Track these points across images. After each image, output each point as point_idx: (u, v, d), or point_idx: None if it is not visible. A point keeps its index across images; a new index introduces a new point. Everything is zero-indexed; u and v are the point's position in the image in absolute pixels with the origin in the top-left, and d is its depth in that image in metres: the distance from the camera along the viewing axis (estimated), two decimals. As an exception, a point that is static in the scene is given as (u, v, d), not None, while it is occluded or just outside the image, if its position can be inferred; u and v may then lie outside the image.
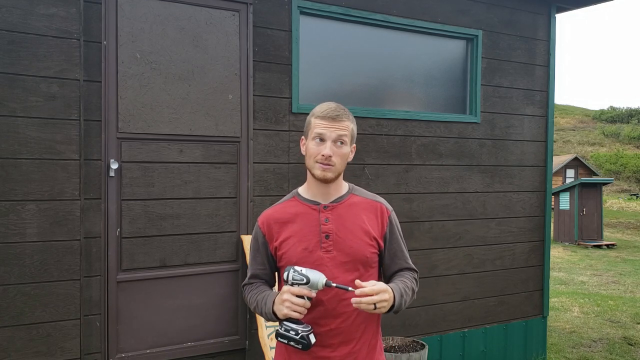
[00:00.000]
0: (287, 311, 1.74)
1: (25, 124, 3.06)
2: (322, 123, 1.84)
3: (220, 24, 3.60)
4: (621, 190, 41.15)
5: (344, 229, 1.88)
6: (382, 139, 4.18)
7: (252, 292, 1.95)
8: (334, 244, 1.86)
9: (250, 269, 1.99)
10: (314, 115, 1.87)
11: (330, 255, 1.85)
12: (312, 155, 1.85)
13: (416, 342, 4.08)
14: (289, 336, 1.74)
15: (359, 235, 1.88)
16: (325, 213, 1.89)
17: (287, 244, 1.87)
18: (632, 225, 20.61)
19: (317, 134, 1.84)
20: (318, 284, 1.73)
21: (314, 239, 1.86)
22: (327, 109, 1.85)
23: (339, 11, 4.02)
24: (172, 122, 3.46)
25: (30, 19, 3.07)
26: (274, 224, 1.91)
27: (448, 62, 4.64)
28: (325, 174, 1.84)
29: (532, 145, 4.94)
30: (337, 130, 1.83)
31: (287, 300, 1.74)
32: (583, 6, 5.21)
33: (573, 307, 7.49)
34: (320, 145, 1.83)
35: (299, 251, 1.85)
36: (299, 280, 1.74)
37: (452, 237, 4.51)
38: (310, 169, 1.87)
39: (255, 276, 1.98)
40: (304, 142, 1.91)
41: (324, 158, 1.82)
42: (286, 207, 1.95)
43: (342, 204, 1.91)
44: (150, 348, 3.42)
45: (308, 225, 1.88)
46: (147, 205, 3.39)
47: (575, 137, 56.47)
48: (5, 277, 3.03)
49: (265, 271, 1.97)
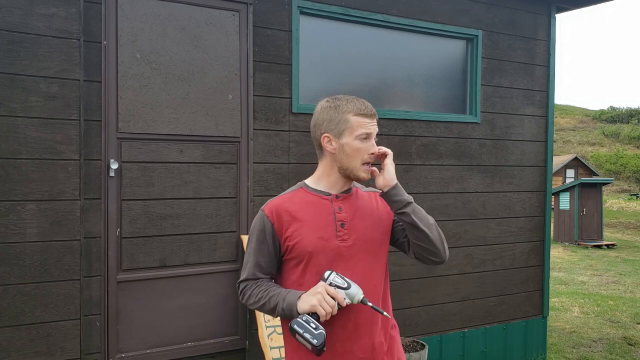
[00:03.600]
0: (317, 302, 1.63)
1: (25, 124, 3.06)
2: (366, 121, 1.78)
3: (220, 24, 3.60)
4: (621, 190, 41.16)
5: (357, 218, 1.83)
6: (382, 139, 4.18)
7: (260, 287, 1.78)
8: (349, 232, 1.80)
9: (252, 262, 1.81)
10: (352, 112, 1.77)
11: (346, 244, 1.79)
12: (360, 154, 1.78)
13: (416, 342, 4.08)
14: (307, 327, 1.60)
15: (372, 222, 1.85)
16: (338, 202, 1.83)
17: (300, 234, 1.77)
18: (632, 225, 20.60)
19: (364, 133, 1.77)
20: (356, 297, 1.68)
21: (329, 227, 1.79)
22: (365, 106, 1.79)
23: (339, 11, 4.02)
24: (172, 122, 3.46)
25: (30, 19, 3.07)
26: (284, 213, 1.79)
27: (448, 62, 4.64)
28: (369, 175, 1.81)
29: (532, 145, 4.94)
30: (376, 127, 1.82)
31: (321, 294, 1.64)
32: (583, 6, 5.21)
33: (573, 307, 7.49)
34: (366, 144, 1.78)
35: (314, 239, 1.76)
36: (340, 283, 1.67)
37: (452, 237, 4.51)
38: (353, 169, 1.80)
39: (260, 269, 1.81)
40: (332, 140, 1.79)
41: (372, 157, 1.79)
42: (295, 196, 1.85)
43: (352, 195, 1.88)
44: (150, 348, 3.42)
45: (321, 214, 1.80)
46: (147, 205, 3.39)
47: (575, 137, 56.48)
48: (5, 277, 3.03)
49: (271, 263, 1.82)
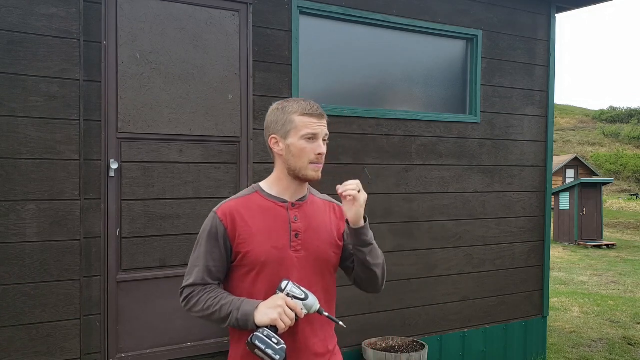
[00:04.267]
0: (277, 317, 1.60)
1: (25, 124, 3.06)
2: (312, 121, 1.75)
3: (220, 24, 3.60)
4: (621, 190, 41.15)
5: (311, 229, 1.79)
6: (382, 139, 4.18)
7: (210, 294, 1.73)
8: (303, 243, 1.76)
9: (201, 266, 1.75)
10: (297, 113, 1.75)
11: (299, 255, 1.75)
12: (306, 154, 1.74)
13: (416, 342, 4.08)
14: (269, 343, 1.59)
15: (325, 236, 1.81)
16: (294, 211, 1.79)
17: (254, 241, 1.72)
18: (632, 225, 20.60)
19: (309, 133, 1.74)
20: (313, 307, 1.66)
21: (284, 237, 1.75)
22: (311, 106, 1.76)
23: (339, 11, 4.02)
24: (172, 122, 3.46)
25: (30, 19, 3.07)
26: (238, 217, 1.74)
27: (448, 62, 4.64)
28: (319, 174, 1.77)
29: (532, 145, 4.94)
30: (324, 128, 1.77)
31: (281, 307, 1.61)
32: (583, 6, 5.21)
33: (573, 307, 7.49)
34: (313, 144, 1.74)
35: (268, 249, 1.72)
36: (298, 294, 1.64)
37: (452, 237, 4.51)
38: (301, 170, 1.75)
39: (209, 274, 1.75)
40: (279, 141, 1.77)
41: (320, 157, 1.75)
42: (249, 200, 1.79)
43: (306, 203, 1.83)
44: (150, 348, 3.42)
45: (276, 223, 1.76)
46: (147, 205, 3.39)
47: (575, 137, 56.47)
48: (5, 277, 3.03)
49: (221, 269, 1.76)
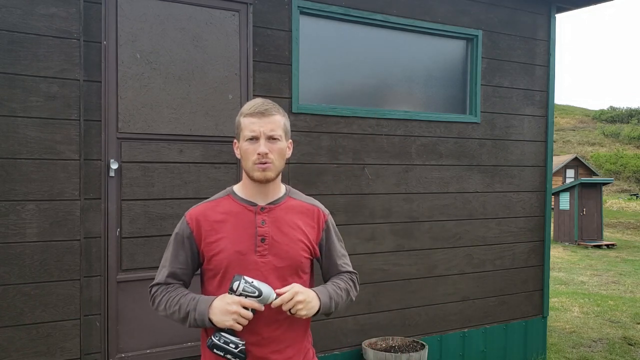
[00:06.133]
0: (233, 322, 1.62)
1: (25, 124, 3.06)
2: (252, 121, 1.71)
3: (220, 24, 3.60)
4: (621, 190, 41.16)
5: (280, 233, 1.76)
6: (382, 139, 4.18)
7: (171, 294, 1.77)
8: (270, 248, 1.74)
9: (167, 267, 1.81)
10: (242, 115, 1.74)
11: (264, 259, 1.73)
12: (248, 156, 1.72)
13: (416, 342, 4.08)
14: (227, 349, 1.62)
15: (295, 241, 1.78)
16: (262, 215, 1.76)
17: (219, 245, 1.73)
18: (632, 225, 20.61)
19: (249, 133, 1.71)
20: (269, 298, 1.65)
21: (249, 241, 1.74)
22: (253, 105, 1.73)
23: (339, 11, 4.02)
24: (172, 122, 3.46)
25: (30, 19, 3.07)
26: (204, 221, 1.77)
27: (448, 62, 4.64)
28: (266, 174, 1.72)
29: (532, 145, 4.94)
30: (268, 125, 1.71)
31: (236, 313, 1.61)
32: (583, 6, 5.21)
33: (573, 307, 7.49)
34: (254, 144, 1.71)
35: (232, 253, 1.72)
36: (250, 292, 1.63)
37: (452, 237, 4.51)
38: (249, 172, 1.74)
39: (173, 275, 1.80)
40: (237, 145, 1.77)
41: (260, 157, 1.70)
42: (219, 204, 1.80)
43: (279, 207, 1.80)
44: (150, 348, 3.42)
45: (243, 227, 1.75)
46: (147, 205, 3.39)
47: (575, 137, 56.48)
48: (5, 277, 3.03)
49: (186, 272, 1.81)
